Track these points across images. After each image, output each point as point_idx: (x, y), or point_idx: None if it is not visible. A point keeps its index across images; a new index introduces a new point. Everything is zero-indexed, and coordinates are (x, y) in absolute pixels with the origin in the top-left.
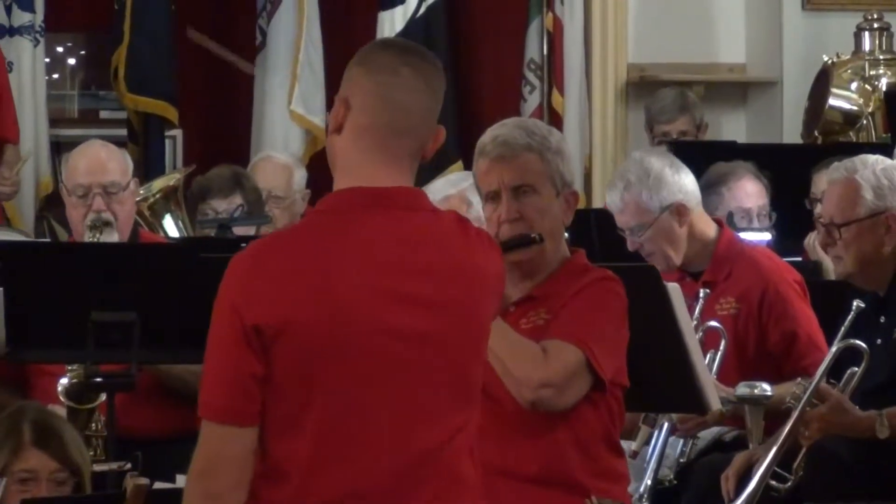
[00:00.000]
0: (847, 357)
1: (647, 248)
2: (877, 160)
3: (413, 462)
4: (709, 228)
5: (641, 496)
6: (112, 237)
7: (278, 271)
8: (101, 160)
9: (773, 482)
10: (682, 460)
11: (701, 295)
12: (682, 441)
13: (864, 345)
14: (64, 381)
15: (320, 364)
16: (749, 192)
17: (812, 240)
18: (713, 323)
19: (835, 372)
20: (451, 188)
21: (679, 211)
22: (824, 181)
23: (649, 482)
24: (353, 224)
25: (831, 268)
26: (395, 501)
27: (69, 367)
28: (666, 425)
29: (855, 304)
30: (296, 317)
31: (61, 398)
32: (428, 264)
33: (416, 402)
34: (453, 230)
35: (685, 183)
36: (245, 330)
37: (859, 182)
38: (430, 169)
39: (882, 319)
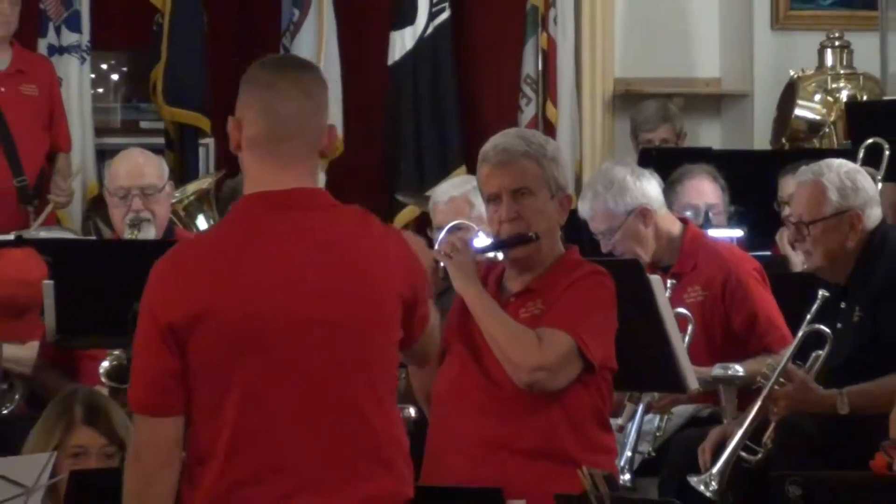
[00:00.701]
0: (812, 341)
1: (619, 249)
2: (841, 164)
3: (326, 438)
4: (674, 227)
5: (622, 468)
6: (149, 234)
7: (189, 272)
8: (140, 165)
9: (745, 454)
10: (658, 434)
11: (668, 285)
12: (657, 417)
13: (828, 329)
14: (105, 364)
15: (233, 351)
16: (701, 190)
17: (780, 236)
18: (681, 310)
19: (802, 355)
20: (455, 190)
21: (643, 213)
22: (790, 184)
23: (629, 454)
24: (255, 225)
25: (797, 261)
26: (311, 475)
27: (110, 352)
28: (642, 404)
29: (820, 293)
30: (206, 311)
31: (103, 379)
32: (325, 256)
33: (322, 381)
34: (351, 223)
35: (647, 188)
36: (160, 329)
37: (825, 184)
38: (437, 173)
39: (843, 306)
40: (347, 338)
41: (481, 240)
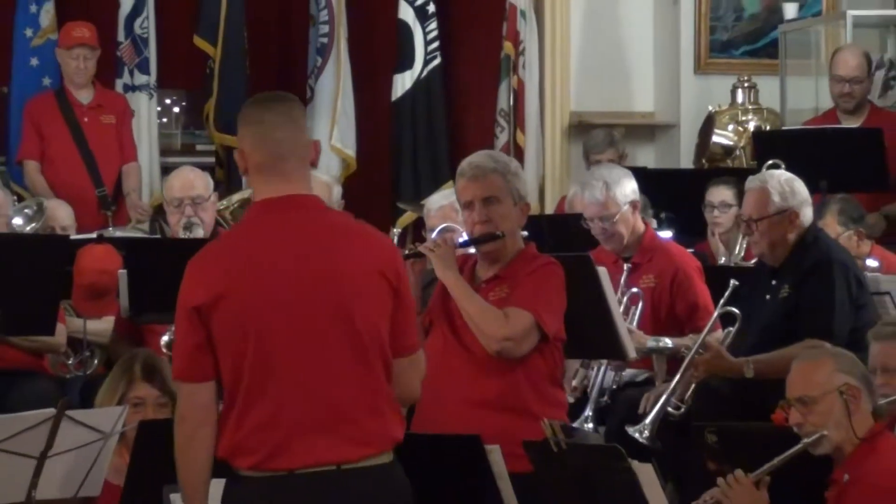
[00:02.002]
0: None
1: (611, 230)
2: (781, 173)
3: (320, 391)
4: (640, 224)
5: (587, 417)
6: (199, 234)
7: (208, 265)
8: (190, 180)
9: (671, 409)
10: (613, 387)
11: (625, 269)
12: (613, 374)
13: (737, 310)
14: (165, 338)
15: (245, 325)
16: None
17: (711, 234)
18: (634, 289)
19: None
20: (445, 200)
21: (634, 205)
22: (720, 193)
23: (592, 405)
24: (260, 225)
25: (720, 255)
26: (308, 421)
27: (169, 327)
28: (604, 366)
29: (731, 282)
30: (221, 295)
31: (164, 350)
32: (316, 245)
33: (316, 345)
34: (338, 221)
35: (635, 187)
36: (188, 312)
37: (769, 189)
38: (430, 186)
39: (773, 283)
40: (337, 309)
41: (462, 237)
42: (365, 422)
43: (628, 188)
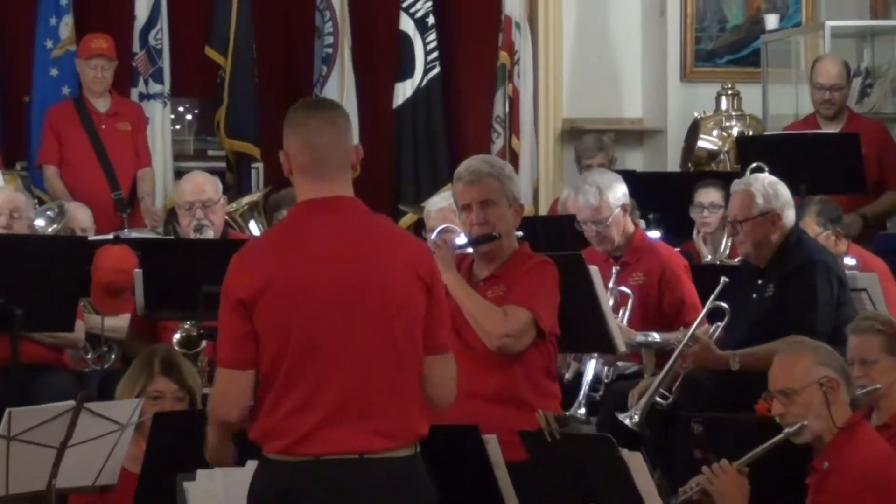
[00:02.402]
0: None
1: (604, 233)
2: (765, 177)
3: (349, 384)
4: (630, 226)
5: (580, 402)
6: (209, 236)
7: (253, 261)
8: (200, 184)
9: (659, 399)
10: (605, 381)
11: (615, 270)
12: (605, 368)
13: (725, 305)
14: (177, 336)
15: (286, 319)
16: None
17: (696, 234)
18: (623, 288)
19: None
20: (444, 202)
21: (625, 208)
22: (709, 195)
23: (585, 390)
24: (303, 224)
25: (706, 254)
26: (337, 411)
27: (182, 325)
28: (595, 360)
29: (722, 279)
30: (265, 288)
31: (176, 347)
32: (356, 246)
33: (350, 340)
34: (378, 223)
35: (626, 191)
36: (233, 303)
37: (753, 192)
38: (430, 189)
39: (759, 282)
40: (375, 306)
41: (461, 238)
42: (391, 416)
43: (619, 192)
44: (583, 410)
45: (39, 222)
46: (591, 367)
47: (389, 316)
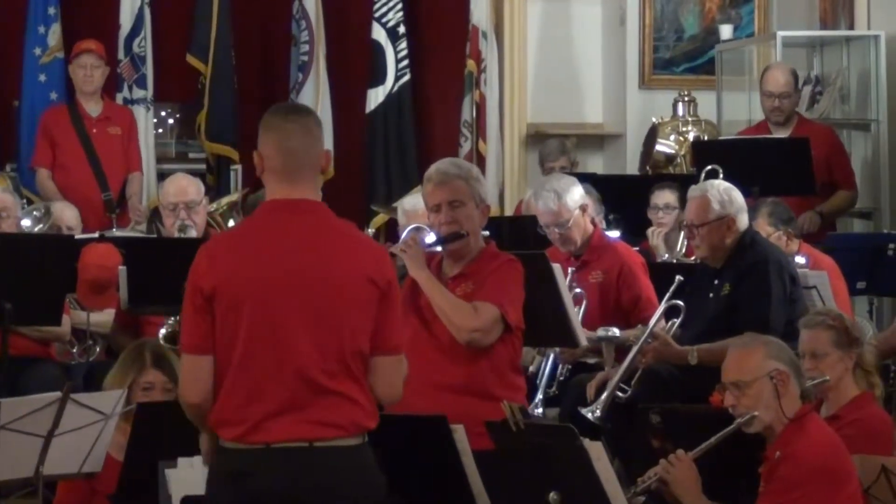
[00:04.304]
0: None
1: (566, 234)
2: (720, 183)
3: (296, 376)
4: (589, 226)
5: (537, 403)
6: (192, 235)
7: (215, 254)
8: (183, 186)
9: (619, 393)
10: (560, 378)
11: (569, 273)
12: (560, 366)
13: (681, 303)
14: (162, 331)
15: (242, 308)
16: None
17: (650, 233)
18: (578, 290)
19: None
20: (419, 202)
21: (584, 209)
22: (664, 196)
23: (541, 395)
24: (267, 221)
25: (662, 253)
26: (284, 402)
27: (166, 320)
28: (552, 356)
29: (677, 278)
30: (224, 281)
31: (162, 341)
32: (313, 246)
33: (298, 333)
34: (338, 226)
35: (582, 192)
36: (194, 293)
37: (709, 197)
38: (400, 190)
39: (716, 282)
40: (323, 305)
41: (430, 237)
42: (339, 408)
43: (577, 194)
44: (540, 410)
45: (26, 222)
46: (547, 367)
47: (336, 314)
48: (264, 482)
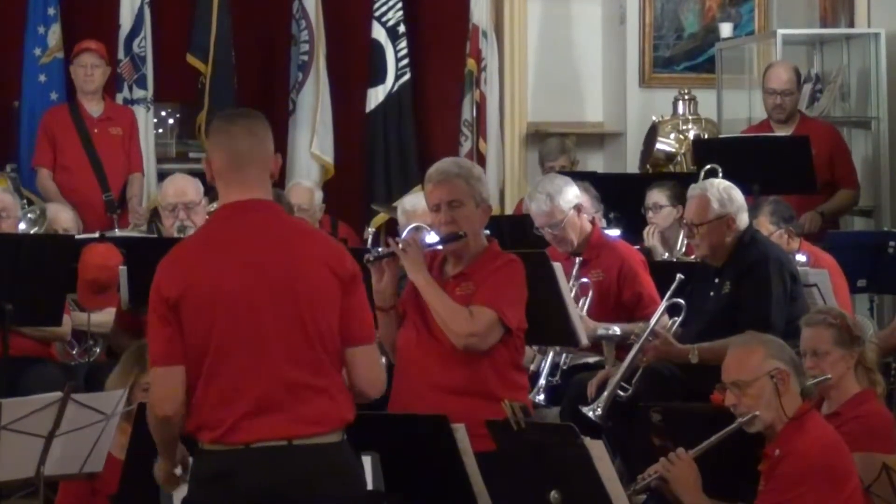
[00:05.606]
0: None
1: (560, 235)
2: (720, 182)
3: (270, 375)
4: (587, 225)
5: (539, 388)
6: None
7: (176, 262)
8: (182, 187)
9: (620, 391)
10: (563, 367)
11: (577, 263)
12: (563, 355)
13: (682, 301)
14: None
15: (208, 315)
16: None
17: (646, 233)
18: (584, 279)
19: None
20: (419, 201)
21: (579, 208)
22: (653, 196)
23: (542, 381)
24: (223, 225)
25: (659, 252)
26: (260, 401)
27: None
28: (551, 354)
29: (678, 276)
30: (188, 287)
31: None
32: (271, 244)
33: (268, 333)
34: (292, 223)
35: (576, 191)
36: (159, 304)
37: (709, 196)
38: (401, 189)
39: (716, 281)
40: (289, 300)
41: (430, 237)
42: (315, 404)
43: (570, 194)
44: (541, 396)
45: (21, 225)
46: (549, 355)
47: (304, 309)
48: (246, 482)
